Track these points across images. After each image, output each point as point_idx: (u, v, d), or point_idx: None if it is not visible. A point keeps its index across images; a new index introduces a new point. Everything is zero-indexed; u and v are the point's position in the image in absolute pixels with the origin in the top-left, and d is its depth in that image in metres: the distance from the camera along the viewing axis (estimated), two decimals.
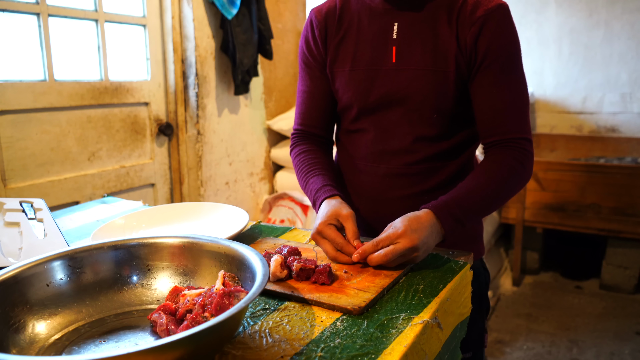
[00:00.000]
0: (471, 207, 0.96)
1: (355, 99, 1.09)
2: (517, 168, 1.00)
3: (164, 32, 2.39)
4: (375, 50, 1.06)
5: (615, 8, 3.39)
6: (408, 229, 0.87)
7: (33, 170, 1.92)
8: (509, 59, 1.01)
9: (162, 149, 2.46)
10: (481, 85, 1.02)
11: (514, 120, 1.02)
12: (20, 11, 1.84)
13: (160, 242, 0.83)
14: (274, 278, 0.84)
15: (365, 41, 1.08)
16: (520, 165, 1.01)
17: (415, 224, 0.88)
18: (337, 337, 0.67)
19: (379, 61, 1.06)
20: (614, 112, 3.52)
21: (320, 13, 1.14)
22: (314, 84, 1.16)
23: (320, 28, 1.12)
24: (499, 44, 0.99)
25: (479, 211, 0.99)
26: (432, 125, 1.06)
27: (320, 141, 1.21)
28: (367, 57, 1.07)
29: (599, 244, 3.22)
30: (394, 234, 0.87)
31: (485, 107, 1.02)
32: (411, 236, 0.86)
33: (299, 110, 1.20)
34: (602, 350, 2.47)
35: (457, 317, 0.85)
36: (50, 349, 0.68)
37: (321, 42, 1.13)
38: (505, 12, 1.01)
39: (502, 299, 3.05)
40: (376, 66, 1.06)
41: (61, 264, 0.76)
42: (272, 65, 2.93)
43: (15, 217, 1.11)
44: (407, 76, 1.03)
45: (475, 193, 0.97)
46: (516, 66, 1.03)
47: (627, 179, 2.88)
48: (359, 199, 1.16)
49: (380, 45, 1.06)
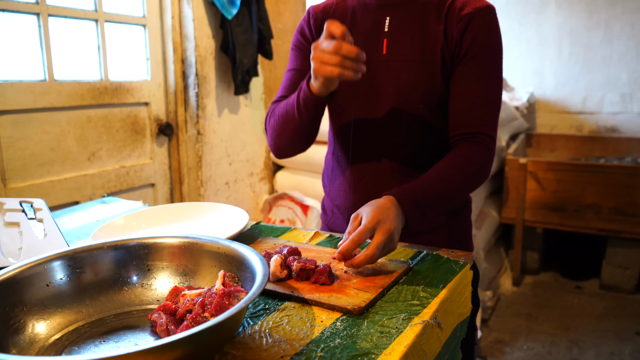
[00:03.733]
0: (433, 196, 0.97)
1: (346, 90, 1.12)
2: (482, 165, 1.04)
3: (164, 32, 2.39)
4: (367, 42, 1.11)
5: (615, 8, 3.39)
6: (378, 220, 0.86)
7: (33, 170, 1.92)
8: (491, 56, 1.06)
9: (162, 149, 2.46)
10: (461, 77, 1.06)
11: (487, 116, 1.05)
12: (20, 11, 1.84)
13: (160, 242, 0.83)
14: (274, 278, 0.84)
15: (358, 34, 1.12)
16: (485, 163, 1.04)
17: (383, 212, 0.88)
18: (337, 337, 0.67)
19: (371, 53, 1.09)
20: (614, 112, 3.52)
21: (318, 8, 1.20)
22: (305, 63, 1.19)
23: (317, 18, 1.18)
24: (483, 40, 1.04)
25: (441, 202, 1.00)
26: (420, 117, 1.09)
27: None
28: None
29: (599, 244, 3.22)
30: (365, 229, 0.85)
31: (462, 97, 1.06)
32: (383, 227, 0.85)
33: (286, 84, 1.20)
34: (602, 350, 2.47)
35: (457, 317, 0.85)
36: (50, 349, 0.68)
37: (316, 31, 1.18)
38: (492, 13, 1.06)
39: (502, 299, 3.05)
40: (368, 58, 1.08)
41: (61, 264, 0.76)
42: (272, 65, 2.93)
43: (15, 217, 1.11)
44: (397, 67, 1.07)
45: (439, 184, 0.99)
46: (496, 66, 1.07)
47: (627, 179, 2.88)
48: (350, 193, 1.17)
49: (372, 38, 1.10)
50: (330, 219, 1.25)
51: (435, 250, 0.98)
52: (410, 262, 0.92)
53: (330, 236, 1.09)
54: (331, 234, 1.11)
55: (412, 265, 0.91)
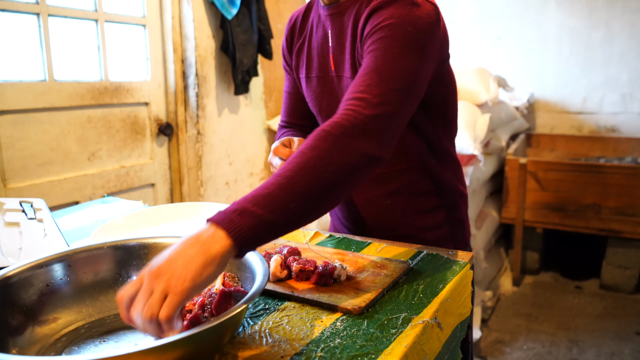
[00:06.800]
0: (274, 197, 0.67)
1: (314, 104, 1.13)
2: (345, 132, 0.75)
3: (164, 32, 2.39)
4: (320, 58, 1.08)
5: (615, 8, 3.39)
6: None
7: (33, 170, 1.92)
8: (392, 31, 0.86)
9: (162, 149, 2.46)
10: (364, 54, 0.88)
11: (368, 83, 0.81)
12: (20, 11, 1.84)
13: (160, 242, 0.83)
14: (274, 278, 0.84)
15: (314, 49, 1.09)
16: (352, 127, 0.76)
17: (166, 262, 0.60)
18: (337, 337, 0.67)
19: (324, 69, 1.07)
20: (614, 112, 3.52)
21: (292, 19, 1.17)
22: (292, 86, 1.21)
23: (288, 34, 1.17)
24: (383, 18, 0.88)
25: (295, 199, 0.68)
26: None
27: (306, 129, 1.24)
28: (315, 65, 1.09)
29: (599, 244, 3.22)
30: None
31: (355, 79, 0.85)
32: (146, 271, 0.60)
33: (284, 108, 1.25)
34: (602, 350, 2.47)
35: (457, 317, 0.85)
36: (50, 349, 0.68)
37: (287, 48, 1.17)
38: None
39: (502, 299, 3.05)
40: (322, 73, 1.08)
41: (61, 264, 0.76)
42: (272, 65, 2.93)
43: (15, 217, 1.11)
44: (345, 84, 1.04)
45: (278, 181, 0.69)
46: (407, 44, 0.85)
47: (627, 179, 2.88)
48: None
49: (324, 53, 1.07)
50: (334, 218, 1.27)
51: (435, 250, 0.98)
52: (410, 262, 0.92)
53: (330, 236, 1.10)
54: (331, 234, 1.11)
55: (412, 265, 0.91)
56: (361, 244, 1.04)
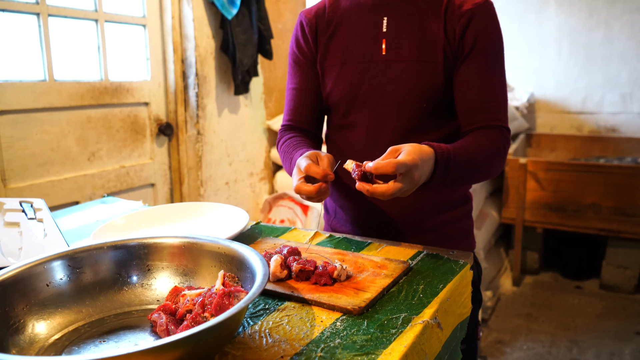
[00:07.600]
0: (461, 166, 0.96)
1: (347, 92, 1.12)
2: (503, 150, 1.05)
3: (164, 32, 2.39)
4: (366, 43, 1.10)
5: (615, 8, 3.39)
6: (416, 166, 0.85)
7: (33, 170, 1.92)
8: (495, 52, 1.06)
9: (162, 149, 2.46)
10: (467, 74, 1.05)
11: (498, 110, 1.06)
12: (20, 11, 1.84)
13: (160, 242, 0.83)
14: (274, 278, 0.84)
15: (356, 36, 1.11)
16: (505, 149, 1.06)
17: (421, 164, 0.87)
18: (337, 337, 0.67)
19: (370, 54, 1.09)
20: (614, 112, 3.52)
21: (310, 13, 1.18)
22: (304, 81, 1.19)
23: (310, 25, 1.17)
24: (486, 35, 1.05)
25: (464, 175, 0.99)
26: (421, 117, 1.08)
27: (309, 134, 1.22)
28: (357, 51, 1.11)
29: (599, 244, 3.22)
30: (401, 166, 0.83)
31: (471, 95, 1.05)
32: (413, 176, 0.85)
33: (288, 107, 1.23)
34: (602, 350, 2.47)
35: (457, 317, 0.85)
36: (50, 349, 0.68)
37: (312, 39, 1.17)
38: (491, 7, 1.07)
39: (502, 299, 3.05)
40: (367, 59, 1.09)
41: (61, 264, 0.76)
42: (272, 65, 2.93)
43: (15, 217, 1.11)
44: (397, 67, 1.07)
45: (468, 156, 0.98)
46: (500, 60, 1.08)
47: (627, 179, 2.88)
48: (350, 197, 1.16)
49: (371, 39, 1.10)
50: (334, 220, 1.25)
51: (435, 250, 0.98)
52: (410, 262, 0.92)
53: (330, 236, 1.10)
54: (331, 234, 1.11)
55: (412, 265, 0.91)
56: (361, 244, 1.04)
